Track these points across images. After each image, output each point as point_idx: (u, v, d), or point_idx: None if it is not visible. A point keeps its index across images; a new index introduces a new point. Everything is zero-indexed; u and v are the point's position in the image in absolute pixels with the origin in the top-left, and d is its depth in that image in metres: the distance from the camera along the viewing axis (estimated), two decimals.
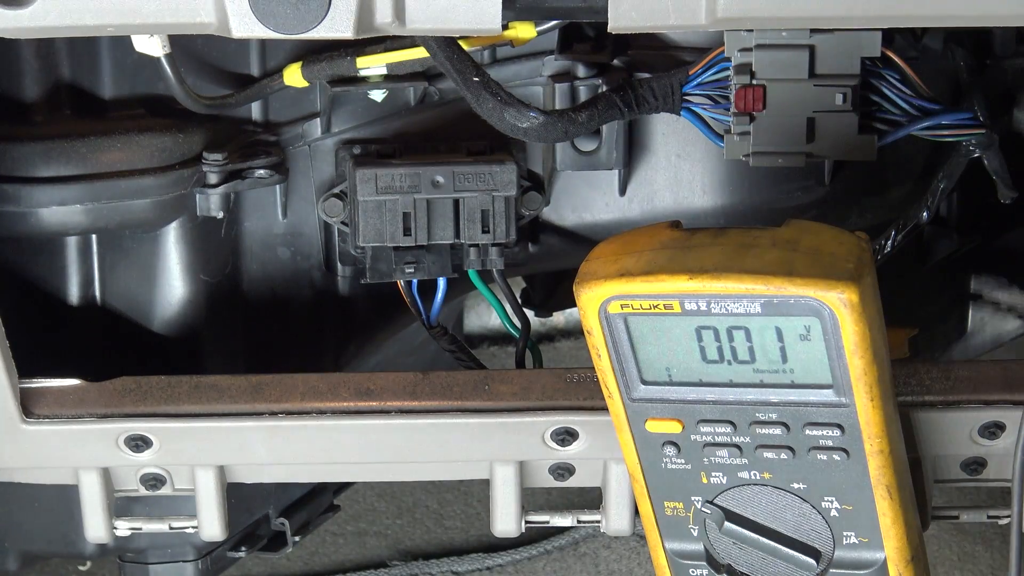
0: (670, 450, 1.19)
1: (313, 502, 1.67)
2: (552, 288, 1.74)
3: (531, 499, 1.57)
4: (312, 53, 1.40)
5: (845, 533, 1.20)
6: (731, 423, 1.17)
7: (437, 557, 2.16)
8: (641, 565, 2.12)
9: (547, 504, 2.09)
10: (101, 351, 1.47)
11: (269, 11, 1.09)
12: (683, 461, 1.20)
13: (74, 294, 1.46)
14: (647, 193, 1.50)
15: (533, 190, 1.47)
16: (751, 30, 1.29)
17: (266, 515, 1.61)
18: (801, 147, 1.33)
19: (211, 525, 1.42)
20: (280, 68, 1.41)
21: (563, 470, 1.40)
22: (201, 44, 1.41)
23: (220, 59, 1.42)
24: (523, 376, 1.37)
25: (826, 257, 1.09)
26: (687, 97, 1.34)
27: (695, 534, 1.24)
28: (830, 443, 1.15)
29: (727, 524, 1.22)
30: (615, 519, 1.43)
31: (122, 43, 1.37)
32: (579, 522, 1.46)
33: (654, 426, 1.18)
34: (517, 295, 1.53)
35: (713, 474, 1.20)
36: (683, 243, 1.12)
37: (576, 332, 2.50)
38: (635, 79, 1.35)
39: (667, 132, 1.48)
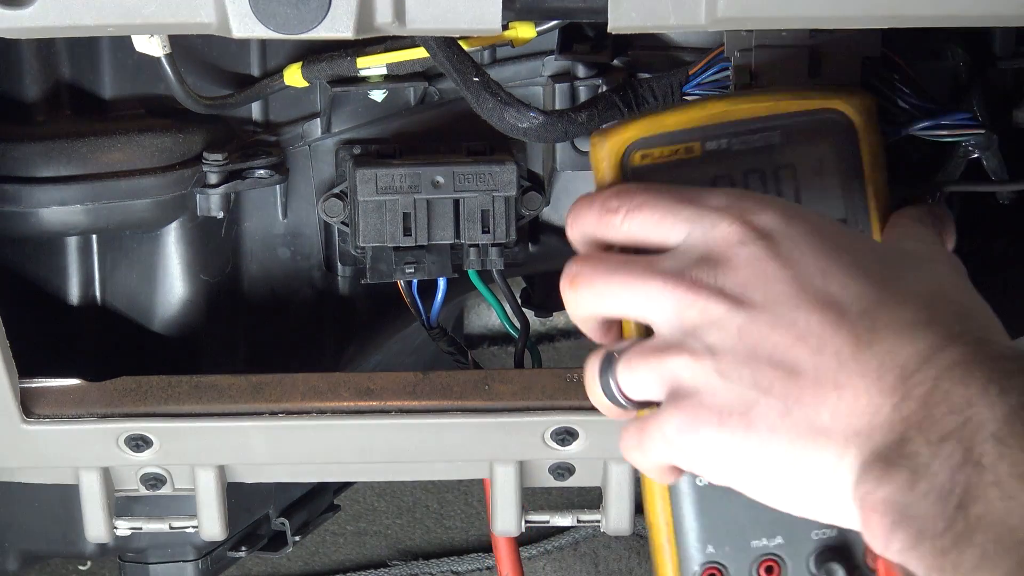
0: None
1: (313, 502, 1.68)
2: (552, 288, 1.74)
3: (531, 499, 1.56)
4: (312, 53, 1.40)
5: None
6: None
7: (437, 557, 2.17)
8: (641, 564, 2.12)
9: (547, 504, 2.09)
10: (101, 351, 1.47)
11: (269, 11, 1.09)
12: None
13: (74, 294, 1.46)
14: None
15: (533, 190, 1.47)
16: (751, 30, 1.29)
17: (266, 515, 1.61)
18: None
19: (211, 525, 1.42)
20: (280, 68, 1.41)
21: (563, 470, 1.40)
22: (201, 44, 1.41)
23: (220, 59, 1.42)
24: (523, 376, 1.37)
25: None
26: (687, 97, 1.34)
27: None
28: None
29: None
30: (615, 519, 1.43)
31: (122, 43, 1.37)
32: (579, 522, 1.46)
33: None
34: (517, 295, 1.53)
35: None
36: (699, 101, 1.16)
37: (576, 332, 2.50)
38: (635, 79, 1.35)
39: None
